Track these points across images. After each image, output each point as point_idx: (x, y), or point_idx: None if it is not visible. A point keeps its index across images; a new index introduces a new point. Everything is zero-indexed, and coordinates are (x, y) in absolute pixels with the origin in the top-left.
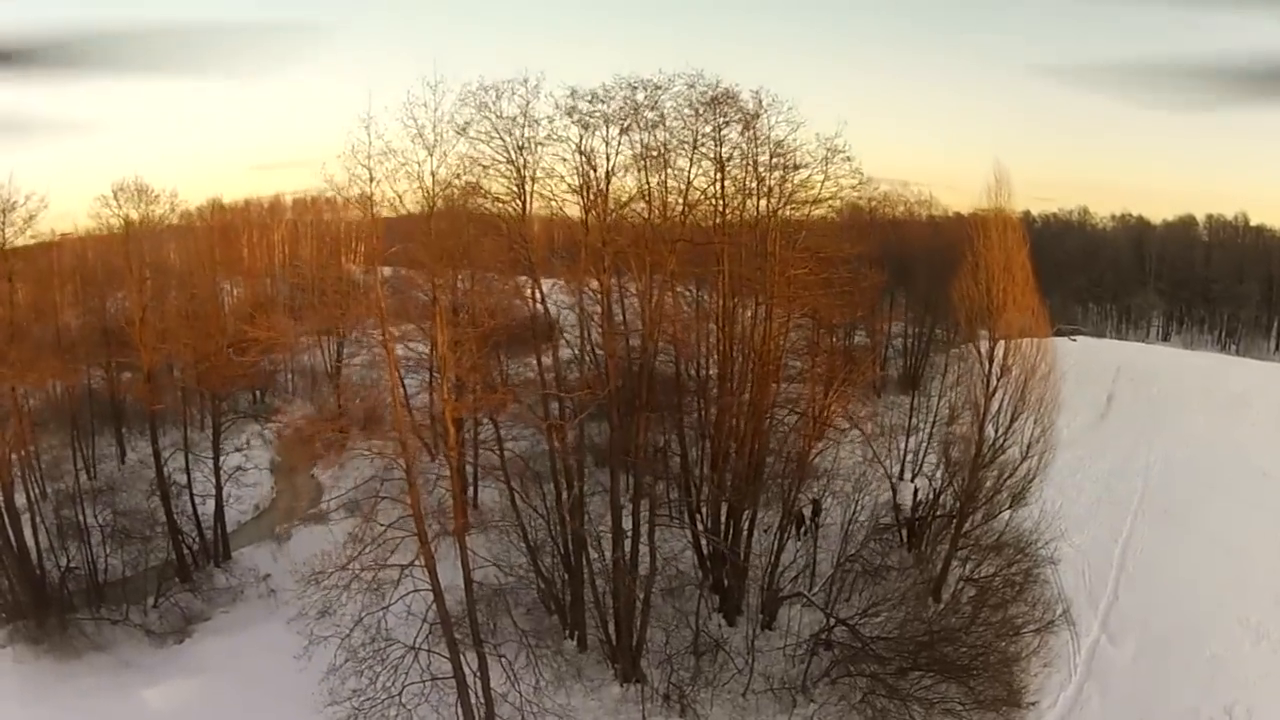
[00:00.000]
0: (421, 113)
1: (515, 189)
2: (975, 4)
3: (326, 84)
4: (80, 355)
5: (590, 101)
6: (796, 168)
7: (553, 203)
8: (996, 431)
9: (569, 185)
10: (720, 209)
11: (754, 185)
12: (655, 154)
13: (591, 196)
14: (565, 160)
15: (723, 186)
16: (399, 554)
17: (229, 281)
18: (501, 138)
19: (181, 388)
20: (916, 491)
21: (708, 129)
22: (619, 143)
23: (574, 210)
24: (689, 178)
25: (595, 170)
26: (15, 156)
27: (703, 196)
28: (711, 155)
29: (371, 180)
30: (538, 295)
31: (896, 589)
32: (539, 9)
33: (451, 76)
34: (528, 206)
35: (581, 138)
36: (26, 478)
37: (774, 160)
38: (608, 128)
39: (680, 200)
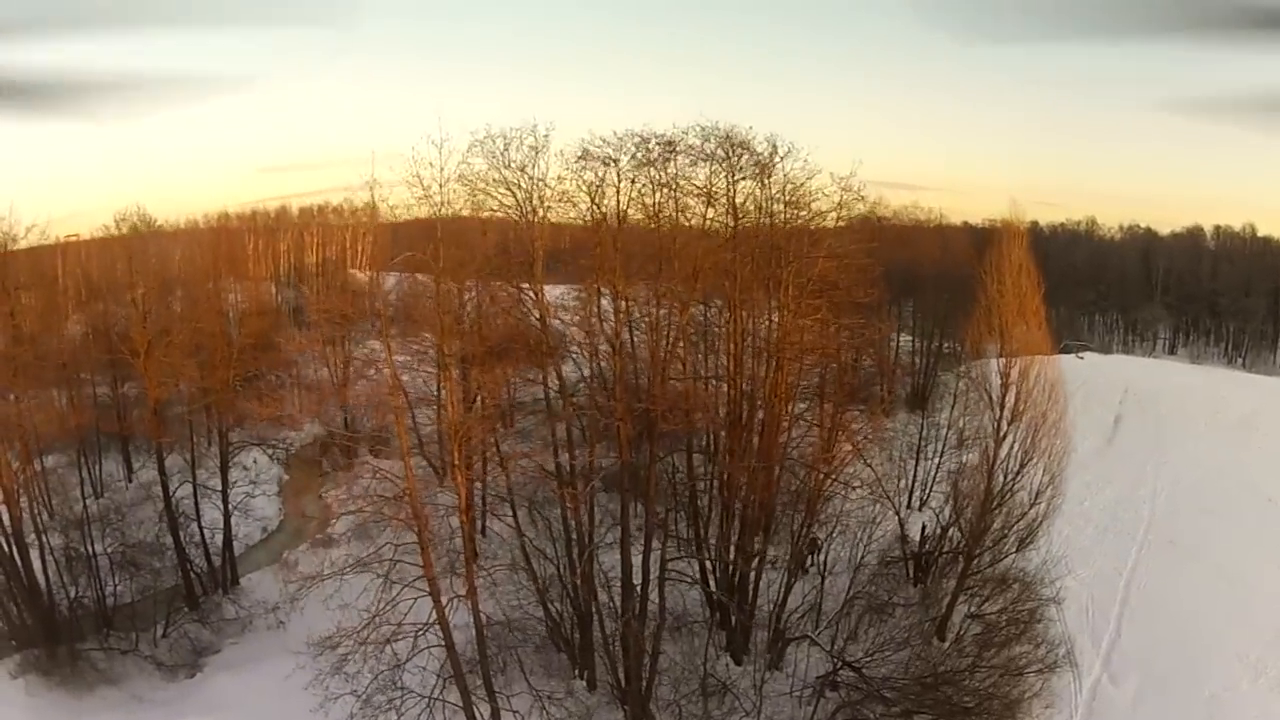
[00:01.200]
0: (427, 171)
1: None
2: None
3: (332, 87)
4: (84, 365)
5: (600, 147)
6: (811, 216)
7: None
8: (1005, 478)
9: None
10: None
11: (767, 230)
12: (666, 188)
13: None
14: (575, 205)
15: (735, 231)
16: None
17: (234, 292)
18: (512, 192)
19: (189, 420)
20: (925, 528)
21: (721, 179)
22: (630, 191)
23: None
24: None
25: (605, 214)
26: (26, 148)
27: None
28: (725, 205)
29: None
30: (541, 308)
31: (902, 626)
32: (540, 12)
33: (456, 87)
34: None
35: (592, 188)
36: (32, 498)
37: (788, 214)
38: (619, 177)
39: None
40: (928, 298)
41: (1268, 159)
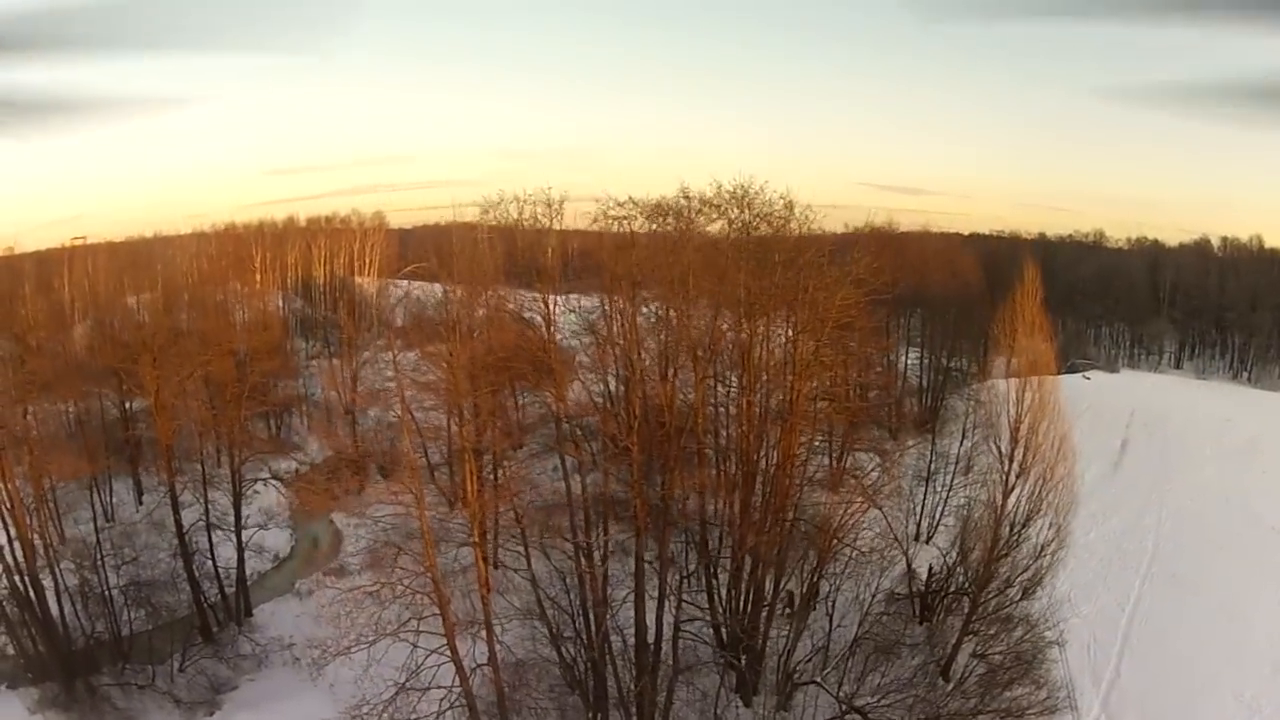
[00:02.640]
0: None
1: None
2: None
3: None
4: (92, 380)
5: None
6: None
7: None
8: (1011, 529)
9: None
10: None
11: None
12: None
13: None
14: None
15: (747, 293)
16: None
17: (242, 308)
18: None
19: (201, 460)
20: (931, 569)
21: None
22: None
23: None
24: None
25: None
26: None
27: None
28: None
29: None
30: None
31: (908, 667)
32: (540, 16)
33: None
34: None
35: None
36: (44, 524)
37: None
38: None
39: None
40: (935, 310)
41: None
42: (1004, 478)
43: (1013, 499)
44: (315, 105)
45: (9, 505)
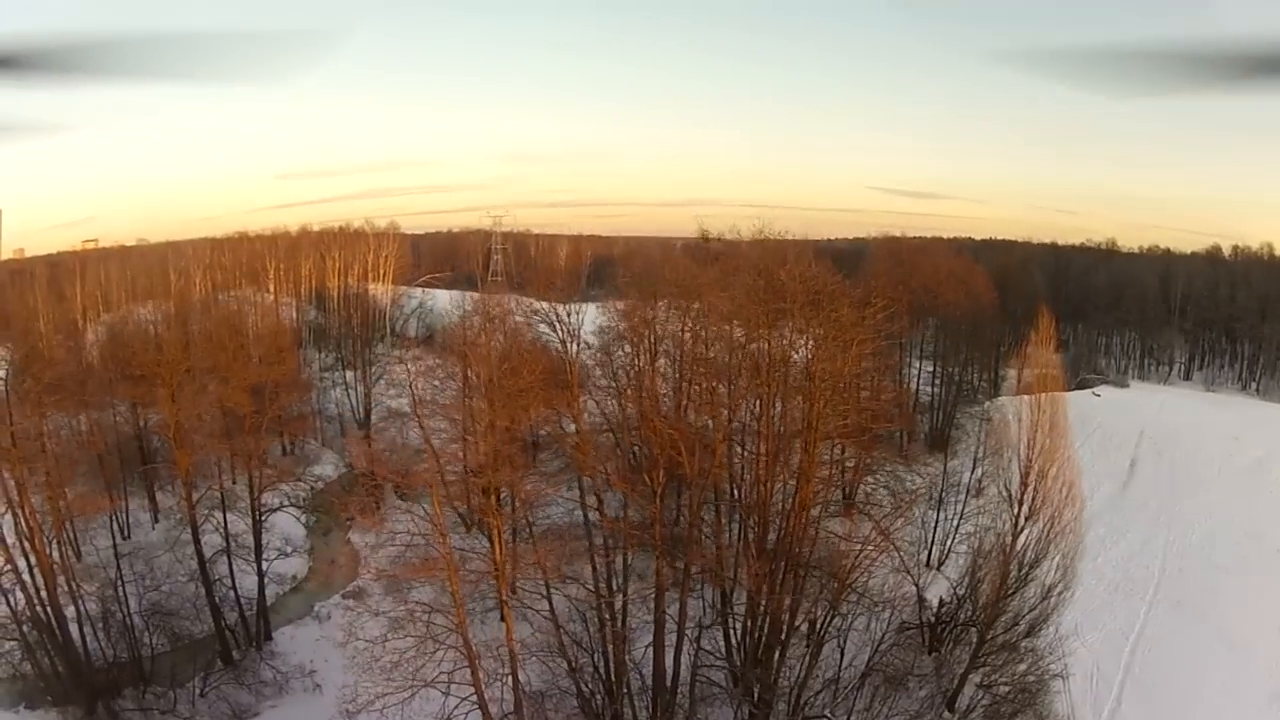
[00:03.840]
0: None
1: None
2: None
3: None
4: (105, 385)
5: None
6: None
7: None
8: (1020, 569)
9: None
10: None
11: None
12: None
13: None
14: None
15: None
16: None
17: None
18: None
19: (220, 488)
20: (941, 601)
21: None
22: None
23: None
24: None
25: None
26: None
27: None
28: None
29: None
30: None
31: (916, 698)
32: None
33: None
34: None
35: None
36: (62, 543)
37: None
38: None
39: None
40: (948, 324)
41: None
42: (1014, 520)
43: (1022, 539)
44: (325, 110)
45: (28, 533)
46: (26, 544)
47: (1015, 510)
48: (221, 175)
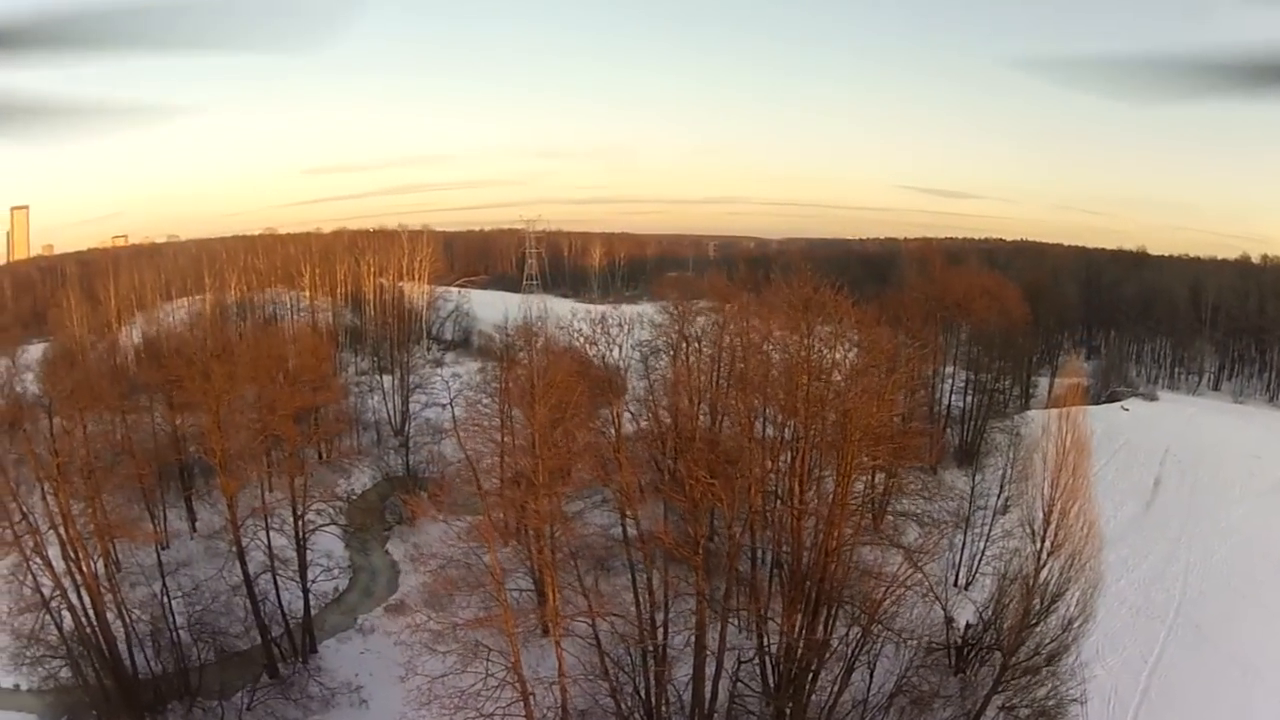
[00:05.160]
0: None
1: None
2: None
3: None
4: (141, 387)
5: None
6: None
7: None
8: (1042, 601)
9: None
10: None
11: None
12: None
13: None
14: None
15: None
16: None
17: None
18: None
19: (265, 511)
20: (968, 626)
21: None
22: None
23: None
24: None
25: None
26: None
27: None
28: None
29: None
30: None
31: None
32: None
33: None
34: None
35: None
36: (107, 555)
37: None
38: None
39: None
40: (979, 333)
41: None
42: (1036, 555)
43: (1044, 573)
44: (352, 105)
45: (74, 554)
46: (73, 564)
47: (1038, 546)
48: (249, 170)
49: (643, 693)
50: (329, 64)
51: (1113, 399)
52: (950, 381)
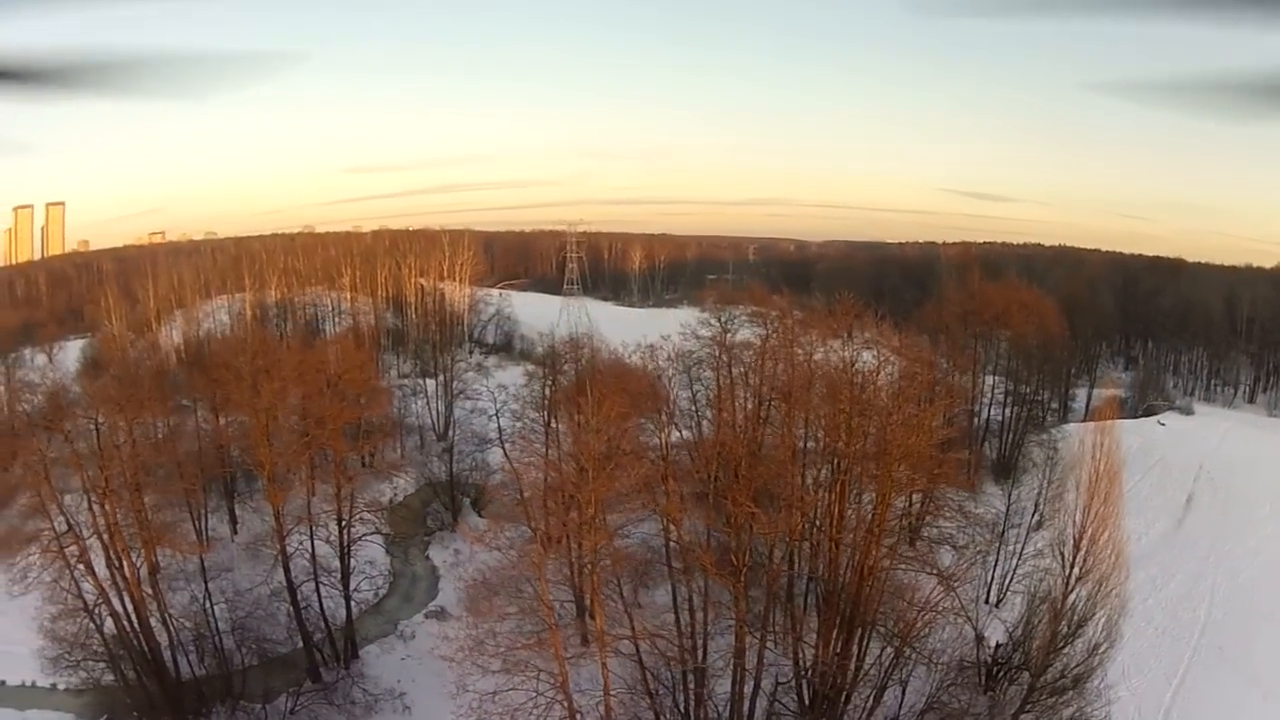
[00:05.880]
0: None
1: None
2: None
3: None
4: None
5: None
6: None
7: None
8: (1069, 626)
9: None
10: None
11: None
12: None
13: None
14: None
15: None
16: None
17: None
18: None
19: (310, 526)
20: (997, 646)
21: None
22: None
23: None
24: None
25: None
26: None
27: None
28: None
29: None
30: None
31: None
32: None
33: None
34: None
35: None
36: (152, 558)
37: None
38: None
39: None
40: (1018, 344)
41: None
42: (1065, 580)
43: (1072, 597)
44: (394, 104)
45: (118, 562)
46: (116, 572)
47: (1067, 572)
48: (288, 168)
49: (683, 708)
50: (371, 62)
51: (1149, 412)
52: (990, 394)
